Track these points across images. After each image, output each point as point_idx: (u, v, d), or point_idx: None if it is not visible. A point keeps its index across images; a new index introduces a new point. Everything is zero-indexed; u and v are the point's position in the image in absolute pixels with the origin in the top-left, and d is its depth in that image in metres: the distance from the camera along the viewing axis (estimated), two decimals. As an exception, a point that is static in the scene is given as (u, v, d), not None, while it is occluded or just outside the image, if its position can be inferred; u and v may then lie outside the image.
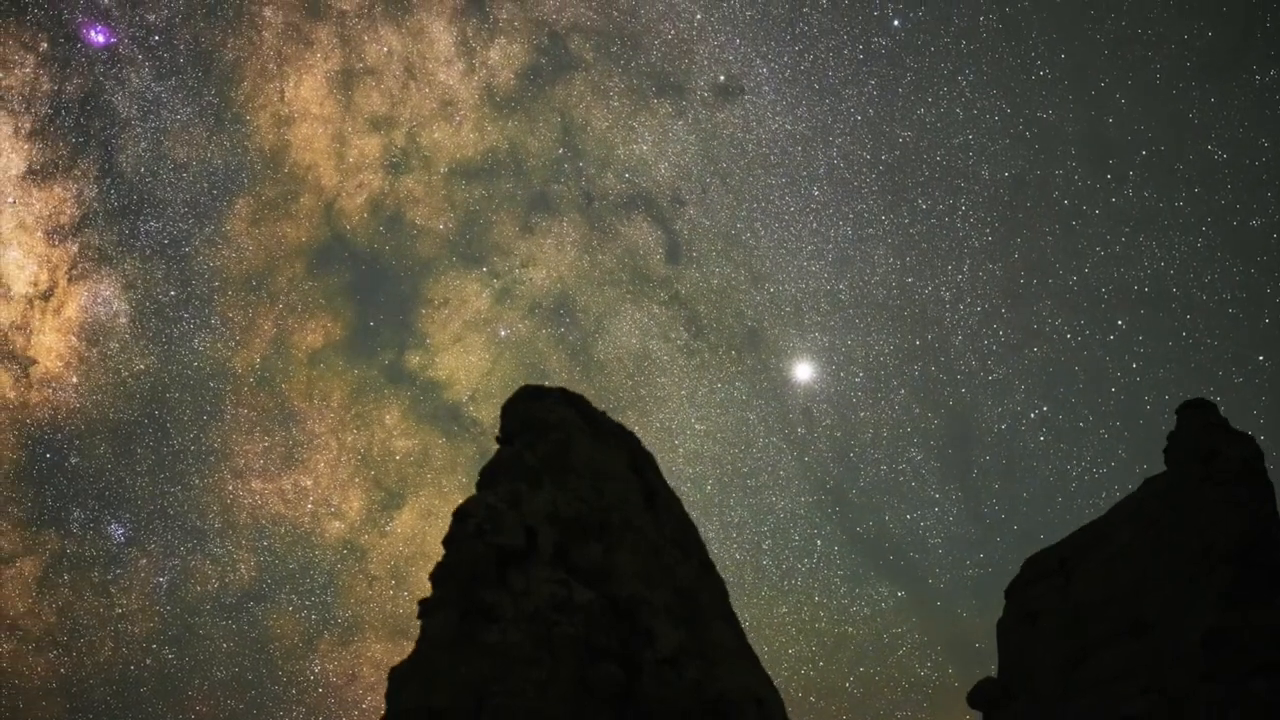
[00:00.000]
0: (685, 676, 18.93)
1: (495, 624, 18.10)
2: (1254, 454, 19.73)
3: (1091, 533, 20.85)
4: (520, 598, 18.55)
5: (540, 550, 19.19)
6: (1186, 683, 17.06)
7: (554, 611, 18.47)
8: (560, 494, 20.02)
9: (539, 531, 19.32)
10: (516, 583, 18.75)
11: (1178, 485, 19.86)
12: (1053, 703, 18.89)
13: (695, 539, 22.15)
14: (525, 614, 18.31)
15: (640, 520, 20.79)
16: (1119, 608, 18.98)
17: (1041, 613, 20.32)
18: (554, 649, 18.01)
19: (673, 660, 19.06)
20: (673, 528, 21.60)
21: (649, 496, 21.55)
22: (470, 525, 18.93)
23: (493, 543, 18.71)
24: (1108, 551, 20.04)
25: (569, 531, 19.66)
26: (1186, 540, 18.79)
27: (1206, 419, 20.32)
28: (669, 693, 18.64)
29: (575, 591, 18.92)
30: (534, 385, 22.04)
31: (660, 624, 19.43)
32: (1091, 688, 18.35)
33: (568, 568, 19.31)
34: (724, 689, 19.25)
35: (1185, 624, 17.74)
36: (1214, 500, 18.89)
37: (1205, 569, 18.15)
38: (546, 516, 19.56)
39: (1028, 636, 20.33)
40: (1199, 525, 18.76)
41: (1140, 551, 19.45)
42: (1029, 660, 20.03)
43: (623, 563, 19.96)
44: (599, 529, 20.14)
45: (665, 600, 19.97)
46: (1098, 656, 18.67)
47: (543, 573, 18.97)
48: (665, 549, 20.84)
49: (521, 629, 18.11)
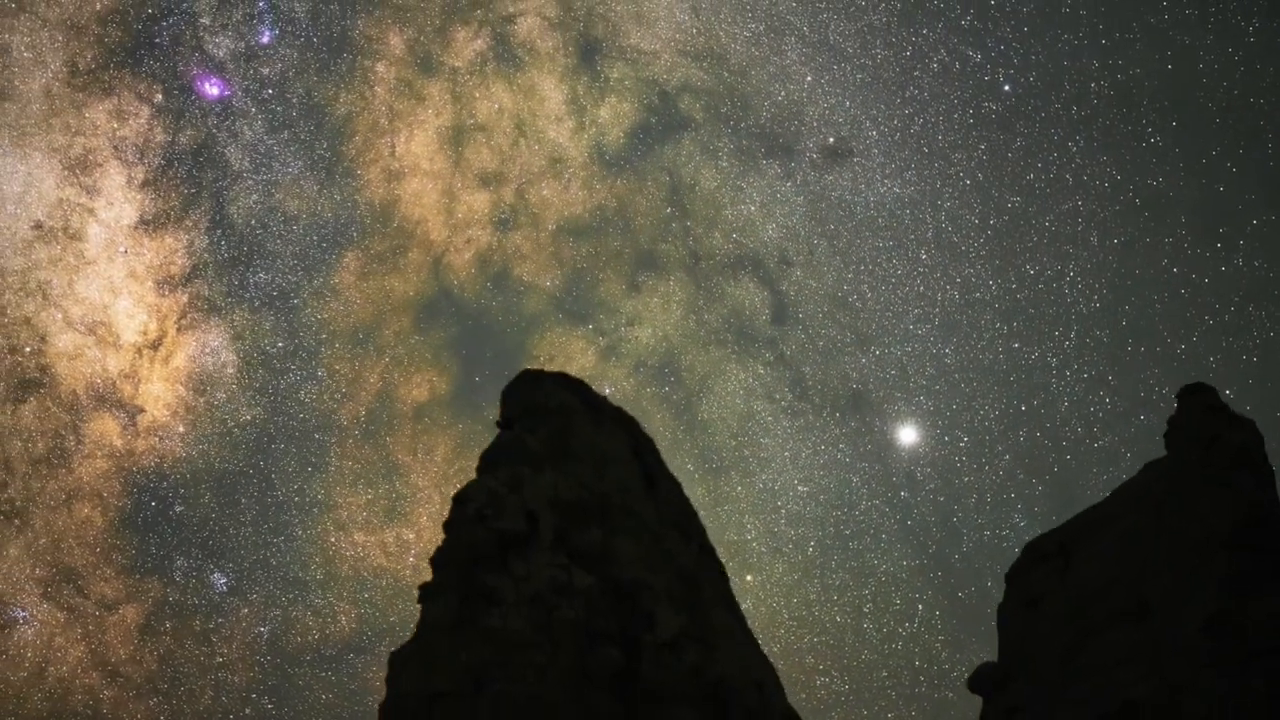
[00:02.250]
0: (685, 660, 18.95)
1: (496, 608, 18.14)
2: (1254, 439, 19.63)
3: (1092, 517, 20.75)
4: (521, 582, 18.57)
5: (541, 534, 19.19)
6: (1187, 669, 17.01)
7: (554, 595, 18.49)
8: (561, 478, 19.99)
9: (540, 516, 19.32)
10: (517, 567, 18.77)
11: (1178, 470, 19.77)
12: (1053, 687, 18.88)
13: (696, 524, 22.13)
14: (526, 598, 18.33)
15: (641, 504, 20.78)
16: (1120, 593, 18.92)
17: (1042, 597, 20.27)
18: (554, 633, 18.05)
19: (673, 644, 19.07)
20: (673, 512, 21.57)
21: (649, 481, 21.53)
22: (471, 509, 18.94)
23: (493, 527, 18.68)
24: (1108, 536, 19.95)
25: (570, 516, 19.65)
26: (1187, 525, 18.69)
27: (1207, 403, 20.25)
28: (669, 676, 18.66)
29: (576, 576, 18.93)
30: (534, 370, 21.99)
31: (661, 608, 19.43)
32: (1092, 673, 18.33)
33: (568, 552, 19.32)
34: (724, 673, 19.27)
35: (1186, 610, 17.67)
36: (1214, 485, 18.83)
37: (1206, 554, 18.04)
38: (547, 501, 19.56)
39: (1029, 621, 20.28)
40: (1199, 510, 18.64)
41: (1141, 536, 19.36)
42: (1029, 645, 19.99)
43: (623, 547, 19.95)
44: (599, 513, 20.12)
45: (666, 584, 19.97)
46: (1098, 642, 18.63)
47: (543, 557, 18.98)
48: (666, 533, 20.82)
49: (522, 613, 18.14)
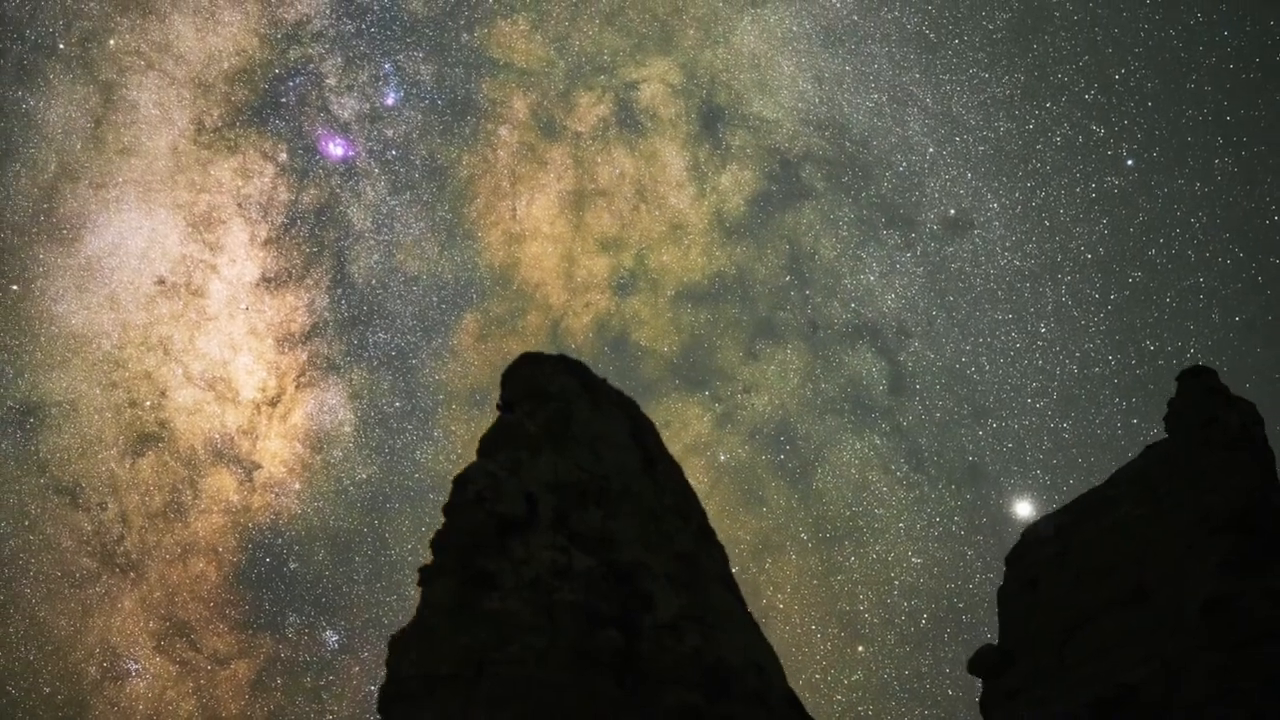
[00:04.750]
0: (685, 642, 18.90)
1: (495, 591, 18.00)
2: (1254, 420, 19.72)
3: (1091, 500, 20.85)
4: (520, 565, 18.44)
5: (540, 517, 19.07)
6: (1186, 651, 17.13)
7: (554, 578, 18.38)
8: (561, 461, 19.86)
9: (539, 499, 19.19)
10: (516, 550, 18.64)
11: (1177, 452, 19.83)
12: (1052, 670, 18.98)
13: (695, 506, 22.06)
14: (525, 581, 18.22)
15: (640, 486, 20.68)
16: (1119, 575, 19.02)
17: (1041, 580, 20.34)
18: (554, 616, 17.95)
19: (673, 626, 19.01)
20: (672, 494, 21.50)
21: (649, 463, 21.42)
22: (470, 492, 18.79)
23: (493, 510, 18.59)
24: (1108, 519, 20.05)
25: (569, 498, 19.53)
26: (1186, 508, 18.81)
27: (1207, 385, 20.25)
28: (669, 659, 18.62)
29: (575, 558, 18.82)
30: (534, 352, 21.81)
31: (660, 590, 19.37)
32: (1091, 656, 18.42)
33: (568, 535, 19.20)
34: (724, 655, 19.25)
35: (1185, 592, 17.79)
36: (1213, 467, 18.87)
37: (1204, 536, 18.16)
38: (547, 484, 19.42)
39: (1028, 603, 20.38)
40: (1198, 492, 18.76)
41: (1140, 519, 19.46)
42: (1029, 627, 20.10)
43: (623, 529, 19.86)
44: (599, 495, 20.02)
45: (665, 566, 19.91)
46: (1097, 624, 18.73)
47: (543, 540, 18.85)
48: (665, 515, 20.75)
49: (522, 596, 18.02)
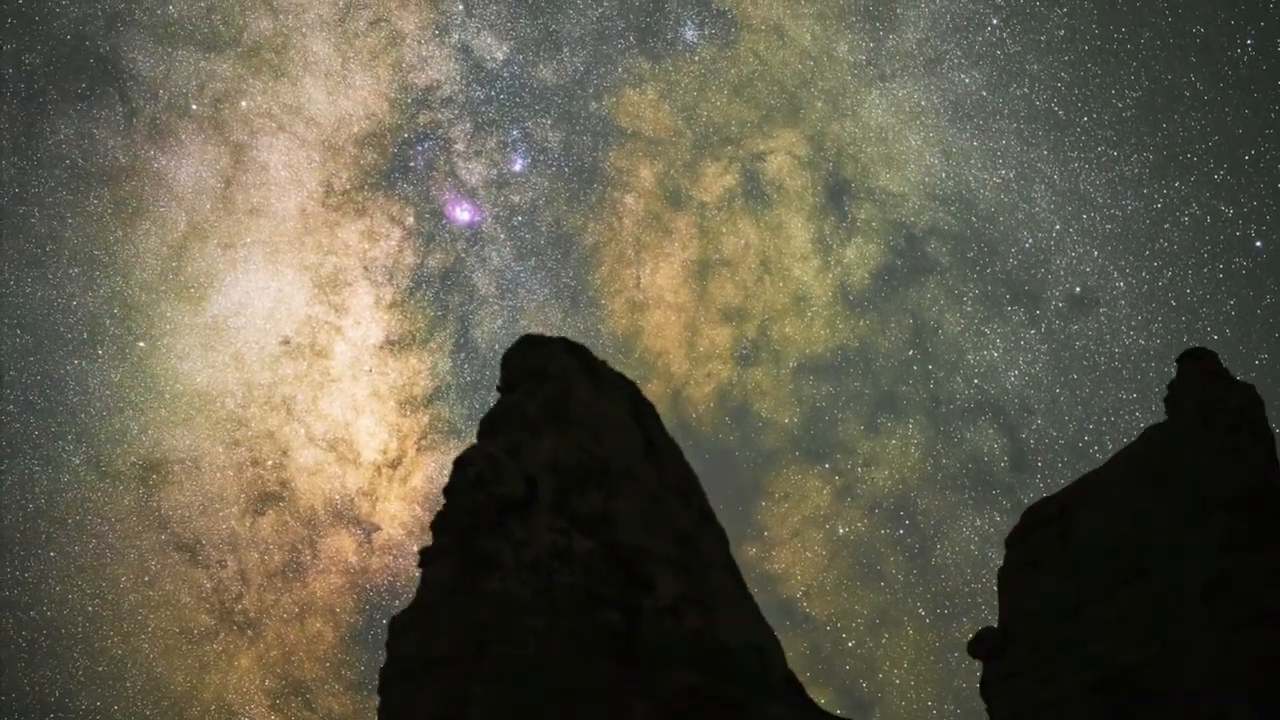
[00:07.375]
0: (685, 625, 18.86)
1: (495, 573, 17.94)
2: (1253, 402, 19.73)
3: (1093, 481, 20.88)
4: (520, 547, 18.38)
5: (540, 499, 18.99)
6: (1186, 632, 17.17)
7: (554, 560, 18.33)
8: (561, 442, 19.76)
9: (539, 480, 19.12)
10: (517, 532, 18.57)
11: (1178, 434, 19.84)
12: (1053, 652, 19.00)
13: (696, 488, 22.00)
14: (525, 563, 18.16)
15: (640, 468, 20.59)
16: (1119, 556, 19.06)
17: (1042, 561, 20.36)
18: (554, 598, 17.89)
19: (673, 608, 18.96)
20: (673, 476, 21.42)
21: (649, 445, 21.33)
22: (470, 474, 18.69)
23: (493, 492, 18.52)
24: (1108, 500, 20.09)
25: (569, 480, 19.45)
26: (1186, 489, 18.84)
27: (1207, 368, 20.26)
28: (669, 641, 18.58)
29: (575, 540, 18.75)
30: (535, 334, 21.72)
31: (660, 572, 19.32)
32: (1092, 637, 18.46)
33: (568, 517, 19.13)
34: (724, 637, 19.21)
35: (1185, 573, 17.83)
36: (1212, 449, 18.89)
37: (1205, 518, 18.20)
38: (547, 465, 19.32)
39: (1029, 584, 20.41)
40: (1199, 474, 18.78)
41: (1140, 500, 19.50)
42: (1029, 608, 20.12)
43: (623, 511, 19.78)
44: (599, 477, 19.94)
45: (665, 548, 19.84)
46: (1098, 605, 18.78)
47: (543, 522, 18.78)
48: (665, 497, 20.67)
49: (522, 578, 17.96)
